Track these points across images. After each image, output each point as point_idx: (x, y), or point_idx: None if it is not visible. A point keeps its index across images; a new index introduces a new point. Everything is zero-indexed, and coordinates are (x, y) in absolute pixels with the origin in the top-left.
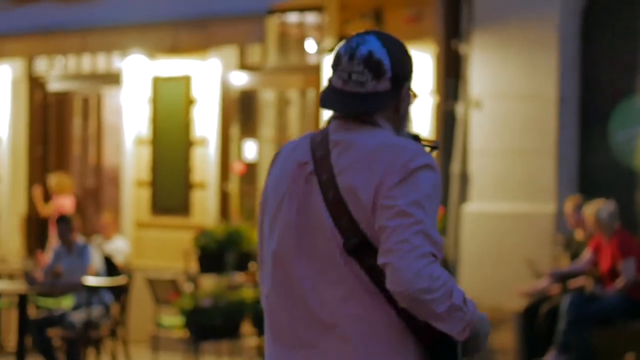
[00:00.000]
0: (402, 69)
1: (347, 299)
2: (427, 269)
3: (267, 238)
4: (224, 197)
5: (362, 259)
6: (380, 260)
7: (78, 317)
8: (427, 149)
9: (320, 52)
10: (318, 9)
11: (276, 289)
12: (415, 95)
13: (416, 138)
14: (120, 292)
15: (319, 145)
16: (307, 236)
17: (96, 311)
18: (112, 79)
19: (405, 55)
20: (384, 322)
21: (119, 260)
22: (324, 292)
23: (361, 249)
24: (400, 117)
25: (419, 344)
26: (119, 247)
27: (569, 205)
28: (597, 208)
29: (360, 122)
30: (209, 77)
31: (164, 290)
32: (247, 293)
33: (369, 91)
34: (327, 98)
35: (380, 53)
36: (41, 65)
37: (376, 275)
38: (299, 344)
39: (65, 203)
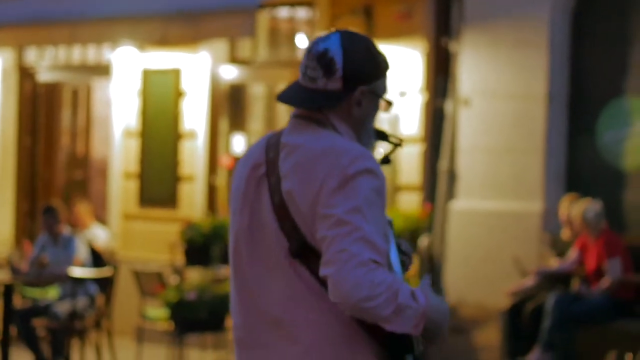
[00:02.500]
0: (358, 71)
1: (294, 299)
2: (366, 277)
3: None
4: (212, 190)
5: (307, 263)
6: (322, 272)
7: (63, 308)
8: (392, 146)
9: None
10: (309, 4)
11: (236, 292)
12: (389, 104)
13: (382, 134)
14: (105, 284)
15: (272, 147)
16: (258, 238)
17: (81, 302)
18: (102, 70)
19: (366, 58)
20: (334, 324)
21: (97, 247)
22: (273, 292)
23: (305, 253)
24: (357, 122)
25: (374, 340)
26: (97, 235)
27: (564, 204)
28: (584, 207)
29: (313, 122)
30: (199, 71)
31: (149, 283)
32: None
33: (319, 88)
34: (285, 90)
35: (335, 52)
36: (31, 55)
37: (322, 279)
38: (254, 344)
39: None
